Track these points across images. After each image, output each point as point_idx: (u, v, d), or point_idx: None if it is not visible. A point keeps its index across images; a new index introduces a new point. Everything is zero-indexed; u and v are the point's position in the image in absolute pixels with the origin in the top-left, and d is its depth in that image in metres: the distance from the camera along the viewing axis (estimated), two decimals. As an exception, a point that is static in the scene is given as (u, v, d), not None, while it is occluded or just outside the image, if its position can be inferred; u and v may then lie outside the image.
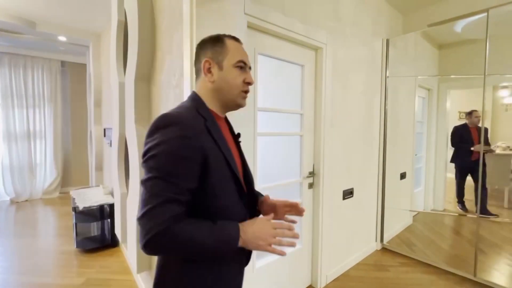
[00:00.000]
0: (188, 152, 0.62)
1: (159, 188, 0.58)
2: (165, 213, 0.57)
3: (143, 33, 1.51)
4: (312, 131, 1.99)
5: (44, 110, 4.47)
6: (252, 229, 0.67)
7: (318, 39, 1.86)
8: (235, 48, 0.75)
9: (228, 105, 0.78)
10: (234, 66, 0.74)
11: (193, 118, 0.67)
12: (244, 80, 0.75)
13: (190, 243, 0.59)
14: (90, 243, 2.65)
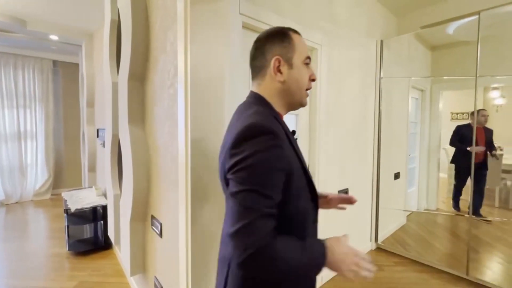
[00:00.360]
0: (281, 163, 0.58)
1: (253, 201, 0.54)
2: (264, 229, 0.53)
3: (137, 31, 1.49)
4: (306, 132, 1.99)
5: (35, 110, 4.39)
6: (338, 249, 0.61)
7: (313, 40, 1.86)
8: (300, 42, 0.70)
9: (293, 105, 0.73)
10: (303, 63, 0.70)
11: (276, 125, 0.62)
12: (310, 77, 0.71)
13: (286, 261, 0.54)
14: (82, 246, 2.61)
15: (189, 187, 1.12)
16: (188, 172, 1.12)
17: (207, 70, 1.17)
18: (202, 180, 1.17)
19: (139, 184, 1.57)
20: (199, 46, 1.13)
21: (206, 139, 1.18)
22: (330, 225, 2.15)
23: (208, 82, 1.18)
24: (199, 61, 1.13)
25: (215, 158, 1.23)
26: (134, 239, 1.66)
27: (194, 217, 1.15)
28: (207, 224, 1.21)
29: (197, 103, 1.13)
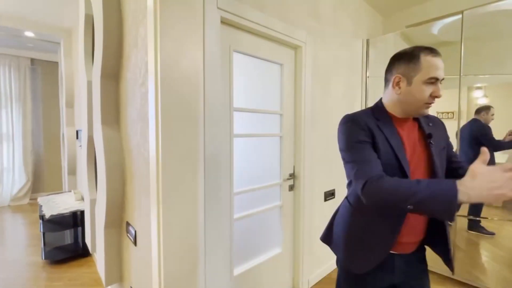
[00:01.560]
0: (361, 132, 0.85)
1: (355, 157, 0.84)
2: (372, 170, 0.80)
3: (109, 26, 1.40)
4: (292, 132, 1.93)
5: (11, 110, 4.18)
6: (475, 183, 0.62)
7: (298, 38, 1.81)
8: (430, 65, 0.81)
9: (410, 113, 0.89)
10: (424, 83, 0.82)
11: (366, 117, 0.89)
12: (431, 93, 0.82)
13: (404, 189, 0.70)
14: (59, 254, 2.47)
15: (160, 191, 1.04)
16: (159, 175, 1.04)
17: (180, 67, 1.09)
18: (174, 184, 1.10)
19: (112, 189, 1.48)
20: (170, 42, 1.05)
21: (179, 140, 1.11)
22: (316, 227, 2.11)
23: (181, 80, 1.10)
24: (171, 58, 1.06)
25: (190, 161, 1.16)
26: (109, 247, 1.56)
27: (166, 223, 1.07)
28: (180, 231, 1.13)
29: (169, 102, 1.05)
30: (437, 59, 0.82)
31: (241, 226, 1.66)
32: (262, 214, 1.78)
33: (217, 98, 1.32)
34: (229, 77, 1.48)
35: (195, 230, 1.21)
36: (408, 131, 0.91)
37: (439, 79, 0.82)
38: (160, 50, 1.01)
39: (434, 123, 0.96)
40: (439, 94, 0.82)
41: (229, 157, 1.50)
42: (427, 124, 0.94)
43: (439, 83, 0.83)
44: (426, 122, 0.95)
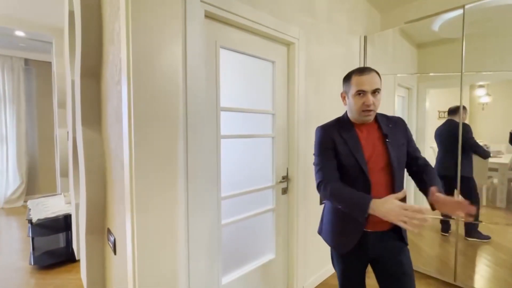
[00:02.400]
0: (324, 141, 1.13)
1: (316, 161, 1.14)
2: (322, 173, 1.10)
3: (86, 21, 1.32)
4: (285, 132, 1.85)
5: (5, 111, 4.12)
6: (382, 207, 0.90)
7: (290, 34, 1.72)
8: (356, 82, 1.05)
9: (358, 119, 1.11)
10: (354, 96, 1.06)
11: (331, 127, 1.15)
12: (363, 103, 1.04)
13: (338, 194, 1.02)
14: (48, 259, 2.40)
15: (134, 197, 0.96)
16: (133, 180, 0.96)
17: (156, 64, 1.02)
18: (149, 189, 1.02)
19: (92, 193, 1.40)
20: (144, 36, 0.97)
21: (155, 142, 1.03)
22: (312, 232, 2.02)
23: (157, 77, 1.03)
24: (145, 53, 0.98)
25: (168, 164, 1.08)
26: (90, 254, 1.48)
27: (141, 231, 0.99)
28: (158, 239, 1.05)
29: (142, 101, 0.98)
30: (363, 77, 1.04)
31: (232, 231, 1.58)
32: (254, 218, 1.70)
33: (201, 97, 1.24)
34: (216, 75, 1.40)
35: (175, 238, 1.13)
36: (367, 133, 1.11)
37: (367, 91, 1.04)
38: (132, 44, 0.93)
39: (394, 123, 1.14)
40: (369, 102, 1.03)
41: (216, 160, 1.42)
42: (387, 125, 1.12)
43: (368, 94, 1.04)
44: (386, 123, 1.13)
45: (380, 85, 1.07)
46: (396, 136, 1.10)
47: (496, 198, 2.32)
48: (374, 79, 1.04)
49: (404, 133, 1.13)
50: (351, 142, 1.08)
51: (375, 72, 1.07)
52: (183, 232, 1.15)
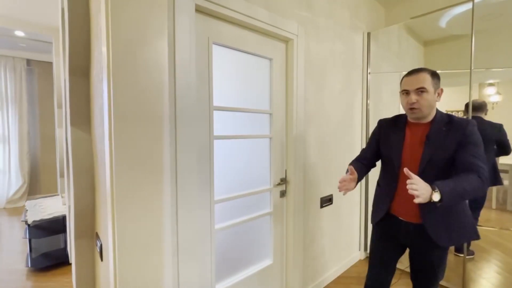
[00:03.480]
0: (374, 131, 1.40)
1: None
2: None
3: (74, 17, 1.27)
4: (283, 132, 1.77)
5: (7, 112, 4.13)
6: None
7: (288, 30, 1.65)
8: (403, 82, 1.17)
9: (410, 118, 1.22)
10: (401, 95, 1.19)
11: (388, 120, 1.35)
12: (407, 102, 1.14)
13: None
14: (44, 261, 2.37)
15: (114, 201, 0.90)
16: (113, 183, 0.90)
17: (139, 59, 0.95)
18: (131, 193, 0.95)
19: (80, 196, 1.35)
20: (126, 29, 0.91)
21: (137, 144, 0.96)
22: (311, 236, 1.94)
23: (140, 73, 0.96)
24: (127, 47, 0.92)
25: (152, 166, 1.01)
26: (80, 259, 1.43)
27: (122, 237, 0.93)
28: (141, 246, 0.99)
29: (123, 99, 0.92)
30: (409, 77, 1.15)
31: (227, 236, 1.51)
32: (251, 222, 1.63)
33: (192, 95, 1.18)
34: (208, 72, 1.33)
35: (160, 245, 1.07)
36: (415, 133, 1.19)
37: (410, 91, 1.13)
38: (112, 37, 0.87)
39: (451, 126, 1.12)
40: (410, 101, 1.12)
41: (208, 161, 1.35)
42: (440, 128, 1.13)
43: (411, 93, 1.12)
44: (439, 126, 1.14)
45: (428, 84, 1.10)
46: (444, 139, 1.11)
47: (507, 200, 2.21)
48: (419, 78, 1.11)
49: (459, 137, 1.09)
50: (395, 140, 1.24)
51: (425, 72, 1.12)
52: (170, 238, 1.08)
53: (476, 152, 1.06)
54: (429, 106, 1.12)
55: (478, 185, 0.98)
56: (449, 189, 0.94)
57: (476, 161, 1.04)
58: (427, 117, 1.16)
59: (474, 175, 1.00)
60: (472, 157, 1.05)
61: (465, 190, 0.96)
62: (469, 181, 0.98)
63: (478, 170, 1.01)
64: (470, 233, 1.14)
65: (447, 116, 1.16)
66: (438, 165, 1.10)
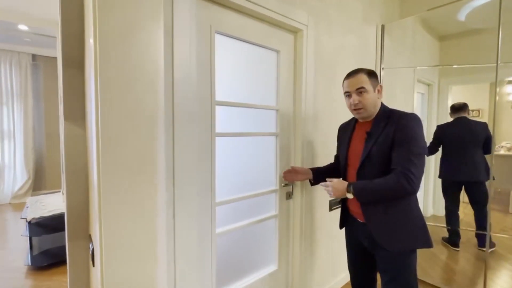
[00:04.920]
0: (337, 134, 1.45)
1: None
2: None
3: (66, 5, 1.18)
4: (290, 130, 1.66)
5: (13, 107, 4.13)
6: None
7: (298, 19, 1.53)
8: (344, 84, 1.21)
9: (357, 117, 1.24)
10: (345, 97, 1.22)
11: (347, 121, 1.38)
12: (350, 103, 1.18)
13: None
14: (44, 259, 2.32)
15: (101, 204, 0.82)
16: (100, 185, 0.81)
17: (130, 48, 0.86)
18: (120, 195, 0.86)
19: (73, 195, 1.27)
20: (115, 13, 0.81)
21: (128, 142, 0.87)
22: (318, 241, 1.83)
23: (131, 64, 0.87)
24: (115, 35, 0.82)
25: (144, 166, 0.92)
26: (73, 262, 1.35)
27: (110, 244, 0.84)
28: (131, 253, 0.90)
29: (111, 92, 0.82)
30: (348, 80, 1.18)
31: (230, 240, 1.41)
32: (255, 226, 1.53)
33: (191, 89, 1.08)
34: (210, 64, 1.23)
35: (154, 251, 0.98)
36: (361, 130, 1.22)
37: (351, 92, 1.16)
38: (99, 23, 0.77)
39: (388, 122, 1.11)
40: (352, 102, 1.16)
41: (209, 161, 1.25)
42: (379, 124, 1.13)
43: (353, 95, 1.15)
44: (379, 121, 1.14)
45: (367, 84, 1.12)
46: (381, 134, 1.11)
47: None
48: (358, 79, 1.14)
49: (392, 131, 1.08)
50: (344, 140, 1.30)
51: (362, 73, 1.14)
52: (166, 244, 0.99)
53: (406, 149, 1.02)
54: (372, 104, 1.14)
55: (393, 186, 1.00)
56: (359, 188, 1.07)
57: (401, 160, 1.02)
58: (372, 115, 1.17)
59: (392, 175, 1.02)
60: (398, 156, 1.04)
61: (374, 190, 1.04)
62: (382, 182, 1.03)
63: (399, 170, 1.01)
64: (419, 240, 1.10)
65: (389, 111, 1.16)
66: (377, 160, 1.10)
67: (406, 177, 0.98)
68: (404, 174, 0.99)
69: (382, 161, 1.09)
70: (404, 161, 1.01)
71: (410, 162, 1.00)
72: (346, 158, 1.26)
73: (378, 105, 1.17)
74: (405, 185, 0.98)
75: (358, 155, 1.17)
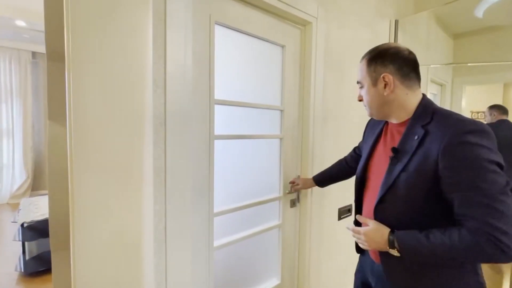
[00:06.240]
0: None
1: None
2: None
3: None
4: (295, 132, 1.53)
5: (12, 105, 4.06)
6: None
7: (306, 11, 1.39)
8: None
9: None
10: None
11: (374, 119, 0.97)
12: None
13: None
14: (35, 265, 2.22)
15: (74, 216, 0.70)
16: (74, 195, 0.69)
17: (109, 36, 0.73)
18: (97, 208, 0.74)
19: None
20: None
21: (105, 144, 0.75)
22: (326, 253, 1.69)
23: (111, 53, 0.74)
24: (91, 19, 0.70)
25: (127, 173, 0.80)
26: (57, 274, 1.23)
27: (83, 264, 0.72)
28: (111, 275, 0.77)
29: (87, 87, 0.70)
30: (359, 65, 0.87)
31: (229, 252, 1.28)
32: (255, 236, 1.39)
33: (186, 85, 0.95)
34: (209, 58, 1.10)
35: (138, 270, 0.85)
36: (389, 138, 0.86)
37: (360, 83, 0.87)
38: (70, 5, 0.65)
39: (428, 134, 0.69)
40: (358, 97, 0.89)
41: (207, 166, 1.12)
42: (413, 135, 0.73)
43: (360, 86, 0.87)
44: (412, 132, 0.74)
45: (363, 76, 0.84)
46: (419, 154, 0.70)
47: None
48: (359, 70, 0.87)
49: (436, 154, 0.66)
50: (368, 141, 0.97)
51: (363, 60, 0.85)
52: (152, 263, 0.86)
53: (479, 190, 0.60)
54: (375, 103, 0.82)
55: (471, 253, 0.61)
56: (410, 247, 0.69)
57: (474, 209, 0.61)
58: (393, 115, 0.81)
59: (467, 235, 0.62)
60: (466, 202, 0.62)
61: (435, 253, 0.65)
62: (449, 242, 0.63)
63: (477, 226, 0.60)
64: None
65: (431, 114, 0.73)
66: (405, 193, 0.72)
67: (494, 240, 0.58)
68: (487, 234, 0.59)
69: (414, 196, 0.71)
70: (478, 211, 0.61)
71: (489, 210, 0.59)
72: (363, 175, 0.91)
73: (394, 103, 0.78)
74: (495, 255, 0.59)
75: (380, 177, 0.80)
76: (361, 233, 0.79)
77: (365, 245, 0.79)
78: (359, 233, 0.80)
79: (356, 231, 0.82)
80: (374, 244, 0.76)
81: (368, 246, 0.78)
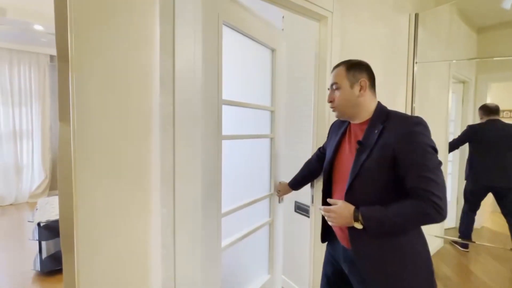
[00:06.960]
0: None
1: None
2: None
3: None
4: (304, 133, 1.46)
5: (31, 108, 4.19)
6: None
7: (321, 5, 1.33)
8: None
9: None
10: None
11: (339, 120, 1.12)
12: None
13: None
14: (52, 264, 2.25)
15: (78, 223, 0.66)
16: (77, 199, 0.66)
17: (113, 31, 0.70)
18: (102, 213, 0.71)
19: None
20: None
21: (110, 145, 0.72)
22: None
23: (115, 49, 0.71)
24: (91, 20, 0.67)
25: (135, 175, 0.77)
26: (67, 279, 1.23)
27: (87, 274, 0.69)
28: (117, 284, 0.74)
29: (90, 85, 0.68)
30: (333, 71, 1.01)
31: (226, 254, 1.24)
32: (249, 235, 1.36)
33: (195, 86, 0.91)
34: (218, 58, 1.06)
35: (145, 278, 0.81)
36: (352, 136, 1.00)
37: (332, 87, 1.01)
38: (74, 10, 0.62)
39: (385, 128, 0.88)
40: (328, 99, 1.02)
41: (216, 167, 1.08)
42: (373, 130, 0.91)
43: (330, 91, 1.01)
44: (373, 128, 0.92)
45: (342, 79, 0.96)
46: (375, 145, 0.88)
47: None
48: (335, 73, 1.00)
49: (393, 142, 0.84)
50: (332, 142, 1.08)
51: (342, 66, 0.99)
52: (161, 269, 0.83)
53: (420, 166, 0.80)
54: (347, 103, 0.96)
55: (417, 216, 0.80)
56: (371, 217, 0.84)
57: (417, 181, 0.80)
58: (357, 116, 0.97)
59: (413, 202, 0.81)
60: (412, 176, 0.81)
61: (391, 221, 0.82)
62: (401, 210, 0.82)
63: (420, 194, 0.79)
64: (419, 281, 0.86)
65: (386, 114, 0.92)
66: (370, 177, 0.88)
67: (432, 203, 0.77)
68: (428, 199, 0.77)
69: (377, 178, 0.88)
70: (422, 182, 0.79)
71: (429, 182, 0.78)
72: (330, 170, 1.04)
73: (361, 106, 0.95)
74: (433, 214, 0.77)
75: (347, 169, 0.93)
76: (331, 210, 0.92)
77: (333, 222, 0.92)
78: (329, 211, 0.92)
79: (327, 210, 0.93)
80: (341, 220, 0.89)
81: (336, 222, 0.91)
